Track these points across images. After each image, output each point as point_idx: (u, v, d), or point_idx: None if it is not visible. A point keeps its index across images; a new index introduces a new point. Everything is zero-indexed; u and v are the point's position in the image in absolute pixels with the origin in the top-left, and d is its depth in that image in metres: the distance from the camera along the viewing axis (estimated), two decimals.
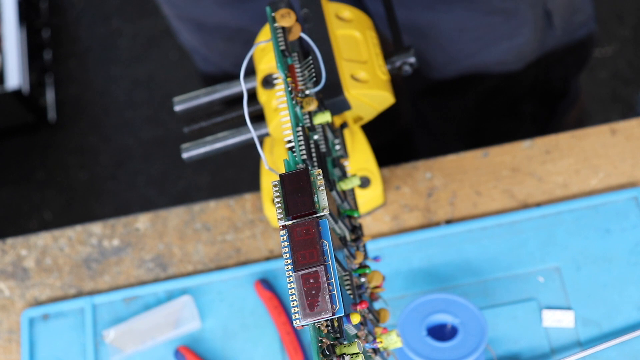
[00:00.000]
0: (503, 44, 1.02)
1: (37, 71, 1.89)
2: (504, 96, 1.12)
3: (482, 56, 1.04)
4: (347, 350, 0.52)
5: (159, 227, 0.92)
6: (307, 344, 0.83)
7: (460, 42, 1.02)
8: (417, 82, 1.13)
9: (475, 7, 0.97)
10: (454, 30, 1.00)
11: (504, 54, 1.04)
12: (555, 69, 1.12)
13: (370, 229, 0.89)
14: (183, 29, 1.09)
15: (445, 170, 0.91)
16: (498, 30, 1.00)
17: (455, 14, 0.97)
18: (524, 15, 0.99)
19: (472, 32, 1.00)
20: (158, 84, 1.93)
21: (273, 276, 0.87)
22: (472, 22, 0.99)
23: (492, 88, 1.10)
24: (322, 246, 0.52)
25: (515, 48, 1.03)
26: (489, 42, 1.02)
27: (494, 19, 0.99)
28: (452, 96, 1.13)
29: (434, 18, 0.98)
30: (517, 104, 1.14)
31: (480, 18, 0.98)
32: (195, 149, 0.82)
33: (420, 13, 0.97)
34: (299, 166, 0.58)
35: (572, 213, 0.87)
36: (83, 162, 1.87)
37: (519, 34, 1.01)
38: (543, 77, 1.12)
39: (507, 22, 0.99)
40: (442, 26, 0.99)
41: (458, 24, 0.99)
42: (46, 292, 0.90)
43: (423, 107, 1.20)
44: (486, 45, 1.03)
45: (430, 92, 1.13)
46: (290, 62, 0.66)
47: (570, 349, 0.80)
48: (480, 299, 0.83)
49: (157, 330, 0.85)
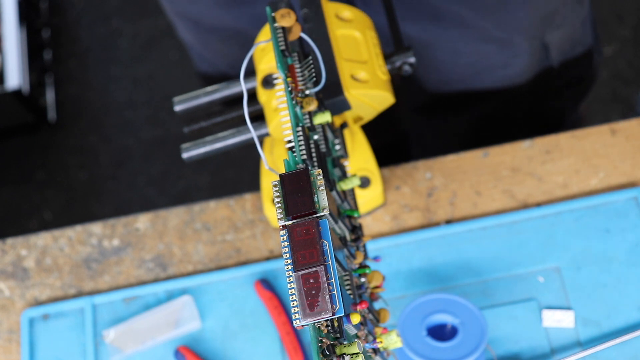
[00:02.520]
0: (497, 73, 1.02)
1: (37, 71, 1.89)
2: (499, 122, 1.11)
3: (476, 82, 1.03)
4: (347, 350, 0.52)
5: (159, 227, 0.92)
6: (307, 344, 0.83)
7: (454, 65, 1.01)
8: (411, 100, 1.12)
9: (470, 32, 0.96)
10: (448, 53, 0.99)
11: (498, 81, 1.03)
12: (552, 101, 1.10)
13: (370, 229, 0.89)
14: (180, 25, 1.09)
15: (445, 170, 0.91)
16: (492, 58, 0.99)
17: (450, 36, 0.96)
18: (519, 47, 0.98)
19: (466, 57, 0.99)
20: (158, 84, 1.93)
21: (273, 276, 0.87)
22: (466, 47, 0.98)
23: (485, 113, 1.09)
24: (322, 246, 0.52)
25: (509, 78, 1.02)
26: (482, 69, 1.01)
27: (488, 47, 0.98)
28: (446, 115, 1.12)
29: (429, 38, 0.97)
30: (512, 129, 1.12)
31: (474, 44, 0.97)
32: (195, 149, 0.82)
33: (416, 33, 0.96)
34: (299, 166, 0.58)
35: (572, 213, 0.87)
36: (83, 162, 1.87)
37: (513, 64, 1.00)
38: (538, 109, 1.11)
39: (501, 51, 0.98)
40: (437, 47, 0.98)
41: (452, 47, 0.98)
42: (46, 292, 0.90)
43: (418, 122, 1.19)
44: (479, 72, 1.02)
45: (426, 108, 1.12)
46: (290, 62, 0.66)
47: (570, 349, 0.80)
48: (480, 299, 0.83)
49: (157, 330, 0.85)
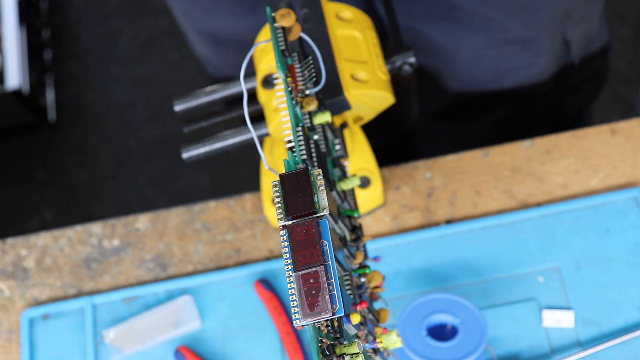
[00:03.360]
0: (519, 73, 1.02)
1: (37, 71, 1.89)
2: (517, 123, 1.12)
3: (497, 84, 1.04)
4: (347, 350, 0.52)
5: (159, 227, 0.92)
6: (307, 344, 0.83)
7: (476, 70, 1.02)
8: (431, 104, 1.13)
9: (493, 35, 0.96)
10: (471, 58, 1.00)
11: (520, 82, 1.04)
12: (570, 98, 1.12)
13: (370, 229, 0.88)
14: (198, 41, 1.09)
15: (445, 170, 0.91)
16: (515, 59, 1.00)
17: (473, 41, 0.97)
18: (542, 45, 0.99)
19: (489, 60, 1.00)
20: (158, 84, 1.93)
21: (273, 276, 0.87)
22: (490, 50, 0.99)
23: (506, 115, 1.10)
24: (322, 246, 0.52)
25: (532, 78, 1.03)
26: (505, 71, 1.02)
27: (511, 49, 0.98)
28: (465, 121, 1.12)
29: (452, 45, 0.98)
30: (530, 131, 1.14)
31: (497, 47, 0.98)
32: (195, 149, 0.82)
33: (440, 38, 0.97)
34: (299, 166, 0.58)
35: (572, 213, 0.87)
36: (83, 162, 1.87)
37: (535, 64, 1.01)
38: (558, 106, 1.12)
39: (524, 51, 0.99)
40: (460, 53, 0.99)
41: (475, 52, 0.99)
42: (46, 292, 0.90)
43: (435, 130, 1.19)
44: (502, 74, 1.02)
45: (444, 115, 1.13)
46: (290, 62, 0.66)
47: (570, 349, 0.80)
48: (480, 299, 0.83)
49: (157, 330, 0.85)
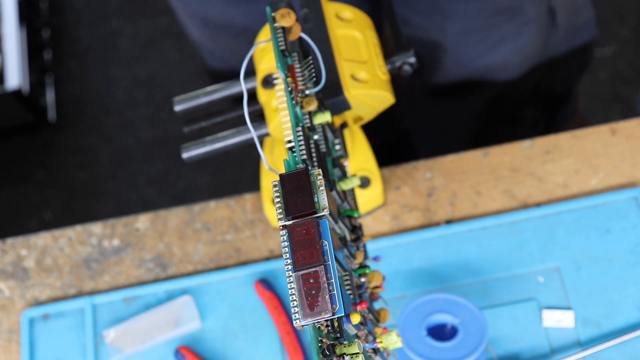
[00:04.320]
0: (507, 45, 1.03)
1: (37, 71, 1.89)
2: (507, 101, 1.13)
3: (487, 59, 1.05)
4: (347, 350, 0.52)
5: (159, 227, 0.92)
6: (307, 344, 0.83)
7: (465, 45, 1.03)
8: (420, 85, 1.13)
9: (481, 5, 0.97)
10: (460, 33, 1.01)
11: (509, 55, 1.04)
12: (557, 72, 1.13)
13: (370, 229, 0.88)
14: (191, 25, 1.11)
15: (445, 170, 0.91)
16: (503, 30, 1.01)
17: (461, 16, 0.98)
18: (529, 13, 1.00)
19: (477, 34, 1.01)
20: (158, 84, 1.93)
21: (273, 276, 0.87)
22: (477, 23, 0.99)
23: (495, 93, 1.10)
24: (322, 246, 0.52)
25: (520, 49, 1.04)
26: (493, 43, 1.02)
27: (498, 19, 0.99)
28: (454, 100, 1.13)
29: (440, 22, 0.98)
30: (519, 109, 1.15)
31: (485, 18, 0.99)
32: (195, 149, 0.82)
33: (427, 17, 0.97)
34: (299, 166, 0.58)
35: (572, 213, 0.87)
36: (83, 162, 1.87)
37: (523, 33, 1.02)
38: (546, 82, 1.13)
39: (511, 20, 1.00)
40: (448, 29, 1.00)
41: (464, 27, 1.00)
42: (46, 292, 0.90)
43: (425, 110, 1.20)
44: (491, 47, 1.03)
45: (433, 95, 1.13)
46: (290, 62, 0.66)
47: (570, 349, 0.80)
48: (480, 299, 0.83)
49: (157, 330, 0.85)
